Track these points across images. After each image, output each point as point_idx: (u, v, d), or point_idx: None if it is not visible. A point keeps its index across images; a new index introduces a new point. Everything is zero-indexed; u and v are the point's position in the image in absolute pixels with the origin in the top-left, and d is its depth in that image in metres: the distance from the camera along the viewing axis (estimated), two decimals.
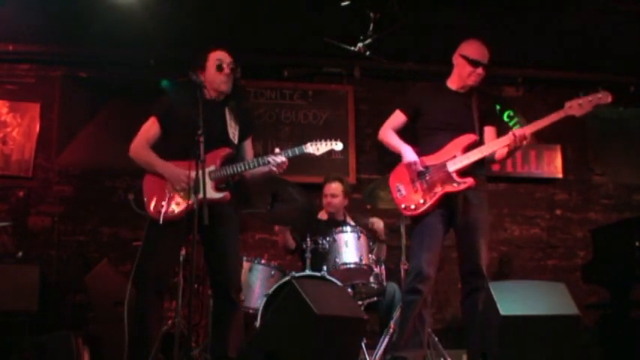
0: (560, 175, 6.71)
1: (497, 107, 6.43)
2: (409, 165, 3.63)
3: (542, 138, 6.80)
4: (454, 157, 3.57)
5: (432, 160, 3.62)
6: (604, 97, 3.48)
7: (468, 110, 3.64)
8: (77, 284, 5.49)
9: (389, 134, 3.81)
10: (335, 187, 5.00)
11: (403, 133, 3.84)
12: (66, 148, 6.13)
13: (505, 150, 3.59)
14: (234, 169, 3.52)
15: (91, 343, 4.65)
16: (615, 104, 6.82)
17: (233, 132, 3.63)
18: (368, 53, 5.21)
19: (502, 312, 2.86)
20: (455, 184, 3.53)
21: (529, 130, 3.52)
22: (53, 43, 6.06)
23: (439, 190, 3.55)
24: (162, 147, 3.59)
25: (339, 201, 5.01)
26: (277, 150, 3.57)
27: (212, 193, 3.41)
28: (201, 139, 3.20)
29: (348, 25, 5.15)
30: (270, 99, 6.45)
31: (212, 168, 3.48)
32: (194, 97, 3.38)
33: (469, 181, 3.51)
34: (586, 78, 6.74)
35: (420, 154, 3.65)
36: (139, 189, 3.57)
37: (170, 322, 4.38)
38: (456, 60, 3.75)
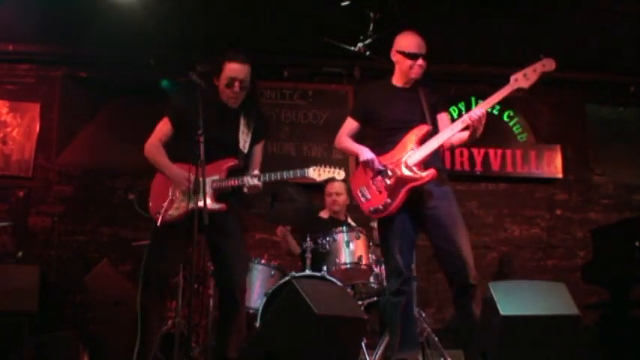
0: (560, 175, 6.71)
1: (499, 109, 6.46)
2: (366, 163, 3.58)
3: (542, 138, 6.81)
4: (411, 150, 3.51)
5: (389, 158, 3.56)
6: (548, 65, 3.39)
7: (416, 104, 3.58)
8: (77, 284, 5.49)
9: (343, 140, 3.77)
10: (338, 186, 5.02)
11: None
12: (66, 148, 6.13)
13: (465, 134, 3.50)
14: (235, 181, 3.51)
15: (91, 343, 4.66)
16: (615, 104, 6.92)
17: (244, 139, 3.60)
18: (368, 53, 5.20)
19: (502, 312, 2.85)
20: (417, 178, 3.45)
21: (483, 108, 3.42)
22: (53, 43, 6.07)
23: (403, 186, 3.47)
24: (174, 148, 3.60)
25: (343, 199, 5.04)
26: (256, 172, 3.53)
27: (210, 204, 3.41)
28: (201, 139, 3.21)
29: (348, 25, 5.15)
30: (270, 99, 6.46)
31: (216, 177, 3.49)
32: (207, 100, 3.40)
33: (431, 172, 3.44)
34: (586, 78, 6.75)
35: (378, 155, 3.58)
36: (146, 189, 3.56)
37: (170, 322, 4.38)
38: (395, 57, 3.65)
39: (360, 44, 5.15)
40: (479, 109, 3.41)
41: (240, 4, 5.37)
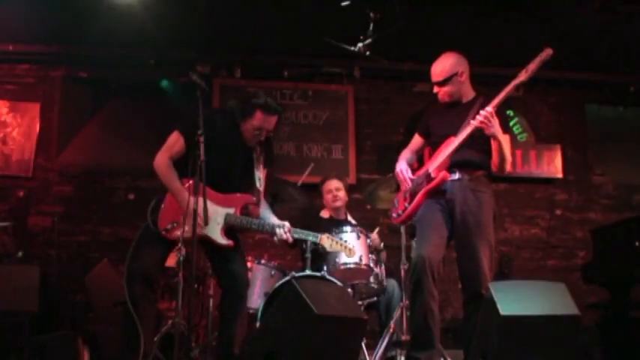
0: (560, 175, 6.71)
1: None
2: (395, 176, 3.76)
3: (542, 138, 6.80)
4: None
5: (422, 170, 3.69)
6: (544, 54, 3.54)
7: (461, 118, 3.61)
8: (77, 284, 5.49)
9: (400, 156, 3.87)
10: (337, 183, 5.03)
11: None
12: (66, 148, 6.13)
13: (492, 144, 3.52)
14: (248, 223, 3.54)
15: (91, 343, 4.65)
16: (615, 104, 6.92)
17: (259, 176, 3.64)
18: (368, 53, 5.20)
19: (502, 312, 2.86)
20: (430, 181, 3.56)
21: (489, 106, 3.44)
22: (53, 43, 6.06)
23: (419, 191, 3.61)
24: (183, 165, 3.47)
25: (343, 194, 5.04)
26: (287, 225, 3.58)
27: (219, 238, 3.48)
28: (201, 139, 3.20)
29: (348, 25, 5.15)
30: None
31: (231, 211, 3.51)
32: (229, 124, 3.48)
33: (442, 174, 3.52)
34: (586, 78, 6.74)
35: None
36: (159, 200, 3.51)
37: (170, 322, 4.38)
38: None
39: (360, 44, 5.15)
40: (484, 110, 3.42)
41: (241, 4, 5.37)
